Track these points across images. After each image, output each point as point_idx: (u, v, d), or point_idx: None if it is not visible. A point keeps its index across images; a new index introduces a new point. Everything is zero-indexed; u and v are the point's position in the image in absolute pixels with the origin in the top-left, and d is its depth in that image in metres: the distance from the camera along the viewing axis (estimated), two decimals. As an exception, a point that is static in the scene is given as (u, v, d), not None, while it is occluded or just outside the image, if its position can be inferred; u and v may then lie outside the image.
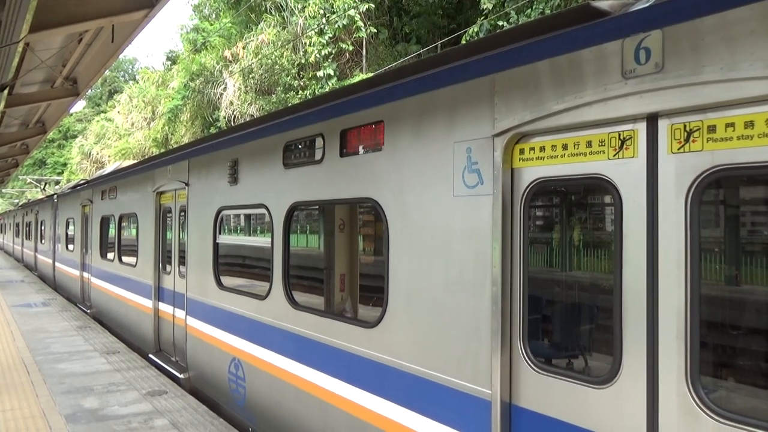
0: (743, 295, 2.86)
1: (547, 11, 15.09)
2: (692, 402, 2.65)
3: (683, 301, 2.69)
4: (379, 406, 4.49)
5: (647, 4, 2.94)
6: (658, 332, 2.78)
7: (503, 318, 3.47)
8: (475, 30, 17.05)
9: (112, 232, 13.13)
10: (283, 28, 24.08)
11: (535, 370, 3.37)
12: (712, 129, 2.63)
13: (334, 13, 21.67)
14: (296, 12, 23.30)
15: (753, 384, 2.83)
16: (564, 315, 3.72)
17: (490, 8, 16.93)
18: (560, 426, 3.22)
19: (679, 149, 2.74)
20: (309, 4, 22.55)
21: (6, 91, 9.82)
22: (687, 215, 2.70)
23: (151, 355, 9.76)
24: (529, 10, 15.92)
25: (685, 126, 2.72)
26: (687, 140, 2.71)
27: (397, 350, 4.34)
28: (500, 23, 16.53)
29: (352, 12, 21.13)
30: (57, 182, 50.91)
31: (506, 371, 3.48)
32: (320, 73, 22.07)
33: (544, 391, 3.31)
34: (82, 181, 19.26)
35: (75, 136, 62.10)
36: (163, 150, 29.69)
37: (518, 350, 3.45)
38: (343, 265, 6.43)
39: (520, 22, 15.57)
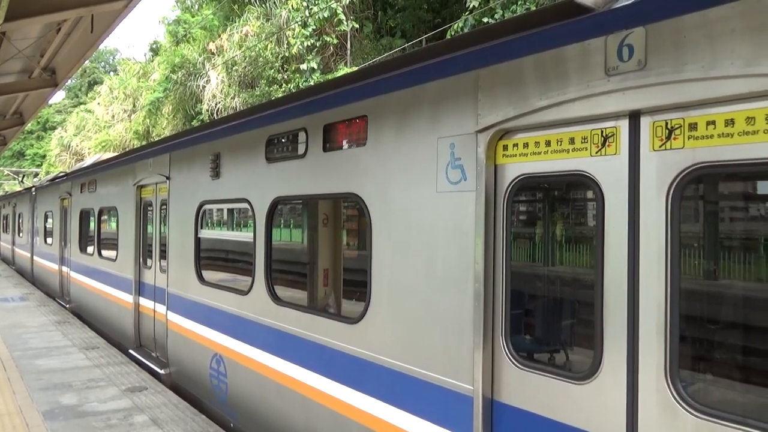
0: (723, 290, 2.89)
1: (533, 7, 15.12)
2: (671, 397, 2.67)
3: (663, 297, 2.71)
4: (362, 402, 4.48)
5: (631, 1, 2.95)
6: (639, 328, 2.80)
7: (485, 314, 3.48)
8: (460, 25, 17.03)
9: (92, 225, 12.94)
10: (267, 20, 23.85)
11: (516, 365, 3.38)
12: (693, 127, 2.64)
13: (316, 4, 21.51)
14: (280, 3, 23.08)
15: (731, 379, 2.86)
16: (546, 311, 3.73)
17: (476, 5, 16.92)
18: (541, 421, 3.23)
19: (660, 147, 2.75)
20: (293, -4, 22.35)
21: (-19, 81, 9.61)
22: (668, 212, 2.71)
23: (131, 351, 9.65)
24: (514, 6, 15.93)
25: (666, 123, 2.73)
26: (668, 138, 2.72)
27: (379, 346, 4.33)
28: (485, 19, 16.53)
29: (333, 4, 20.98)
30: (36, 174, 50.09)
31: (488, 367, 3.49)
32: (304, 66, 21.90)
33: (526, 387, 3.32)
34: (62, 174, 18.96)
35: (54, 128, 61.01)
36: (144, 143, 29.31)
37: (500, 346, 3.46)
38: (326, 260, 6.40)
39: (505, 18, 15.59)
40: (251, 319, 6.11)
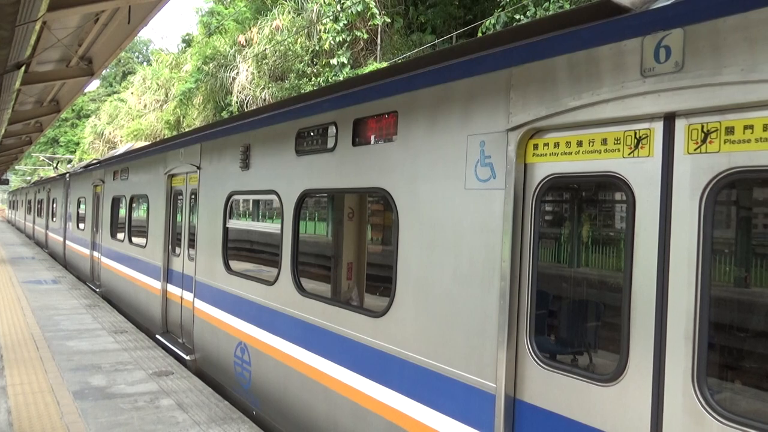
0: (754, 297, 2.85)
1: (566, 6, 14.93)
2: (698, 403, 2.65)
3: (693, 302, 2.69)
4: (384, 395, 4.52)
5: (669, 2, 2.91)
6: (667, 332, 2.78)
7: (510, 312, 3.48)
8: (492, 22, 16.92)
9: (123, 212, 13.23)
10: (298, 14, 24.01)
11: (540, 365, 3.38)
12: (730, 130, 2.61)
13: (349, -2, 21.59)
14: (312, -2, 23.22)
15: (760, 387, 2.82)
16: (572, 312, 3.72)
17: (507, 0, 16.79)
18: (564, 422, 3.23)
19: (695, 150, 2.72)
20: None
21: (22, 69, 9.87)
22: (701, 216, 2.68)
23: (158, 336, 9.87)
24: (547, 4, 15.76)
25: (702, 126, 2.70)
26: (704, 141, 2.69)
27: (403, 340, 4.36)
28: (517, 16, 16.39)
29: (367, -1, 21.04)
30: (69, 161, 51.34)
31: (512, 366, 3.49)
32: (334, 61, 22.01)
33: (549, 387, 3.32)
34: (95, 161, 19.39)
35: (88, 116, 62.43)
36: (175, 132, 29.84)
37: (524, 345, 3.46)
38: (351, 253, 6.46)
39: (537, 16, 15.43)
40: (276, 309, 6.20)
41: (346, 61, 22.08)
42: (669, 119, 2.83)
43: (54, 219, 24.83)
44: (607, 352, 3.31)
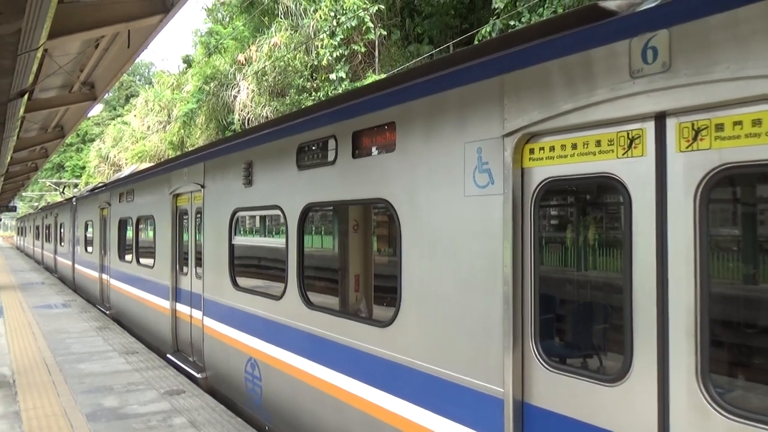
0: (752, 292, 2.87)
1: (560, 10, 15.02)
2: (703, 399, 2.66)
3: (693, 299, 2.71)
4: (394, 404, 4.54)
5: (654, 4, 2.96)
6: (668, 330, 2.80)
7: (515, 317, 3.50)
8: (488, 30, 17.01)
9: (130, 234, 13.33)
10: (295, 31, 24.22)
11: (546, 368, 3.40)
12: (719, 127, 2.64)
13: (344, 14, 21.76)
14: (308, 14, 23.41)
15: (763, 381, 2.84)
16: (575, 314, 3.74)
17: (502, 7, 16.89)
18: (572, 423, 3.24)
19: (687, 148, 2.76)
20: (320, 7, 22.67)
21: (26, 97, 10.01)
22: (695, 213, 2.71)
23: (169, 355, 9.90)
24: (541, 9, 15.85)
25: (692, 125, 2.74)
26: (695, 139, 2.73)
27: (410, 349, 4.38)
28: (512, 23, 16.48)
29: (361, 13, 21.20)
30: (75, 185, 51.72)
31: (518, 370, 3.51)
32: (333, 76, 22.17)
33: (556, 390, 3.34)
34: (100, 185, 19.56)
35: (93, 140, 62.95)
36: (178, 153, 30.04)
37: (530, 349, 3.48)
38: (357, 265, 6.49)
39: (532, 22, 15.52)
40: (284, 324, 6.24)
41: (344, 75, 22.22)
42: (660, 119, 2.87)
43: (62, 243, 24.99)
44: (612, 353, 3.33)
